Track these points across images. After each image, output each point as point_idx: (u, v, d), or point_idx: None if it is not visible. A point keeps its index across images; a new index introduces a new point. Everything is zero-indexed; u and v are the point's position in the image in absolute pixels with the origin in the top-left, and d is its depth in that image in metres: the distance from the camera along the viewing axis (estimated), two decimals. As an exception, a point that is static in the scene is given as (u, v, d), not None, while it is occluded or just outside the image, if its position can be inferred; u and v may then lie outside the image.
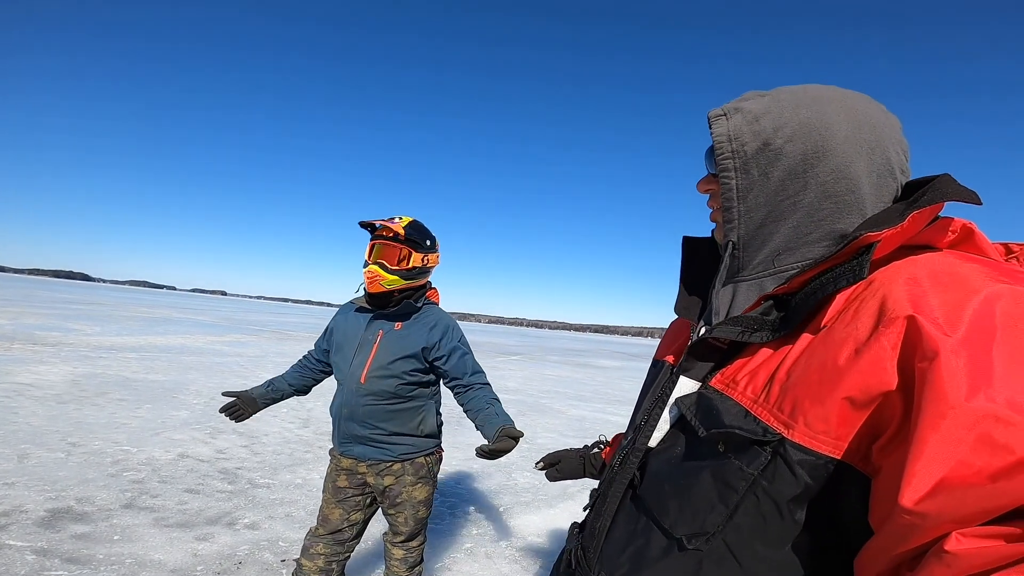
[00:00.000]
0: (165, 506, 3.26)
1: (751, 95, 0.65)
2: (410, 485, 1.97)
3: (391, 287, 1.95)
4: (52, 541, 2.66)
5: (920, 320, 0.44)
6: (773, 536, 0.50)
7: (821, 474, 0.48)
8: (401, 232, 1.94)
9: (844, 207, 0.58)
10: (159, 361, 9.56)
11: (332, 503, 1.98)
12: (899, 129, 0.62)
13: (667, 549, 0.56)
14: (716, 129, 0.64)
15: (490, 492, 4.28)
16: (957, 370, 0.40)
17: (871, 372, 0.45)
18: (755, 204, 0.62)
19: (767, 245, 0.62)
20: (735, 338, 0.57)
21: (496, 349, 25.58)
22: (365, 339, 1.95)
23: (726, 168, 0.63)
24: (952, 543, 0.38)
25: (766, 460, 0.50)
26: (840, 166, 0.58)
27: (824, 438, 0.47)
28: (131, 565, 2.53)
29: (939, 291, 0.46)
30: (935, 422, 0.40)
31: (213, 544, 2.84)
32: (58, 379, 6.84)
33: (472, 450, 5.40)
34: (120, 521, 2.97)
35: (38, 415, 5.01)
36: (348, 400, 1.92)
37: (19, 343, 9.81)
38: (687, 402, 0.60)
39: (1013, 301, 0.44)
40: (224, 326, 22.13)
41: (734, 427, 0.52)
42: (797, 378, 0.51)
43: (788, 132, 0.60)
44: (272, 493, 3.70)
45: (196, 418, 5.60)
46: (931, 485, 0.39)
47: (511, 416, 1.90)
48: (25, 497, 3.13)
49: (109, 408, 5.62)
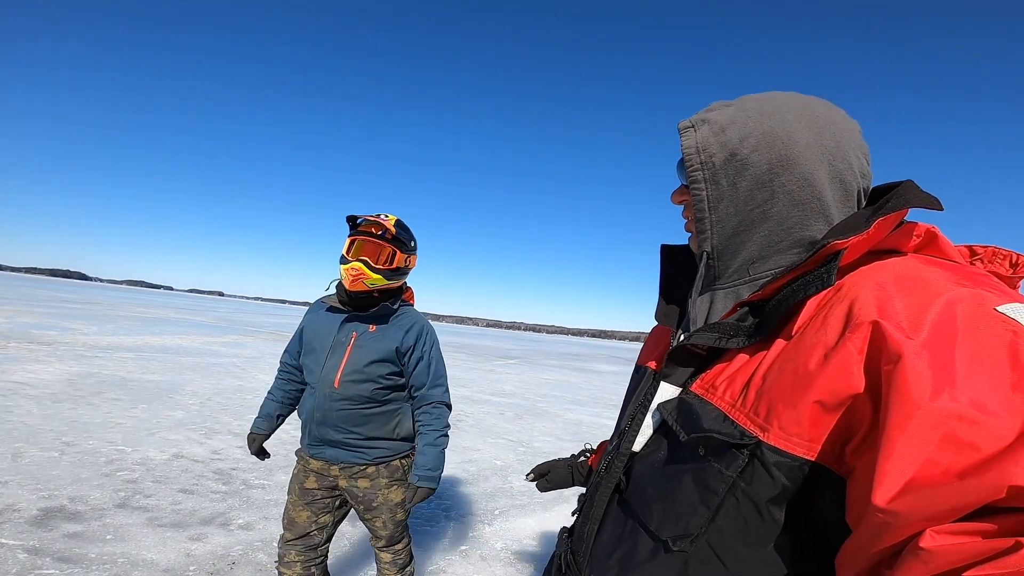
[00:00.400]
0: (159, 506, 3.24)
1: (717, 105, 0.66)
2: (385, 488, 1.91)
3: (373, 286, 1.87)
4: (44, 540, 2.64)
5: (884, 325, 0.46)
6: (754, 537, 0.51)
7: (797, 475, 0.49)
8: (392, 230, 1.88)
9: (811, 214, 0.60)
10: (155, 361, 9.53)
11: (299, 505, 1.90)
12: (859, 133, 0.63)
13: (654, 551, 0.57)
14: (685, 141, 0.65)
15: (486, 495, 4.27)
16: (921, 371, 0.42)
17: (839, 376, 0.47)
18: (726, 214, 0.63)
19: (740, 254, 0.64)
20: (712, 344, 0.59)
21: (494, 353, 25.55)
22: (338, 341, 1.87)
23: (696, 180, 0.64)
24: (927, 540, 0.39)
25: (744, 462, 0.51)
26: (804, 174, 0.59)
27: (798, 440, 0.49)
28: (123, 564, 2.51)
29: (903, 295, 0.48)
30: (902, 422, 0.41)
31: (206, 544, 2.83)
32: (53, 378, 6.81)
33: (471, 453, 5.43)
34: (113, 520, 2.96)
35: (33, 414, 4.98)
36: (321, 404, 1.84)
37: (15, 342, 9.77)
38: (668, 407, 0.61)
39: (974, 304, 0.45)
40: (221, 327, 22.07)
41: (713, 431, 0.54)
42: (771, 382, 0.52)
43: (753, 142, 0.61)
44: (267, 494, 3.69)
45: (191, 418, 5.58)
46: (902, 484, 0.40)
47: (441, 450, 1.90)
48: (18, 496, 3.12)
49: (104, 408, 5.59)
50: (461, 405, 8.58)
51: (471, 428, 6.80)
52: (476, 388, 11.09)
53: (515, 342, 50.03)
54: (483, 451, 5.70)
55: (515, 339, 65.76)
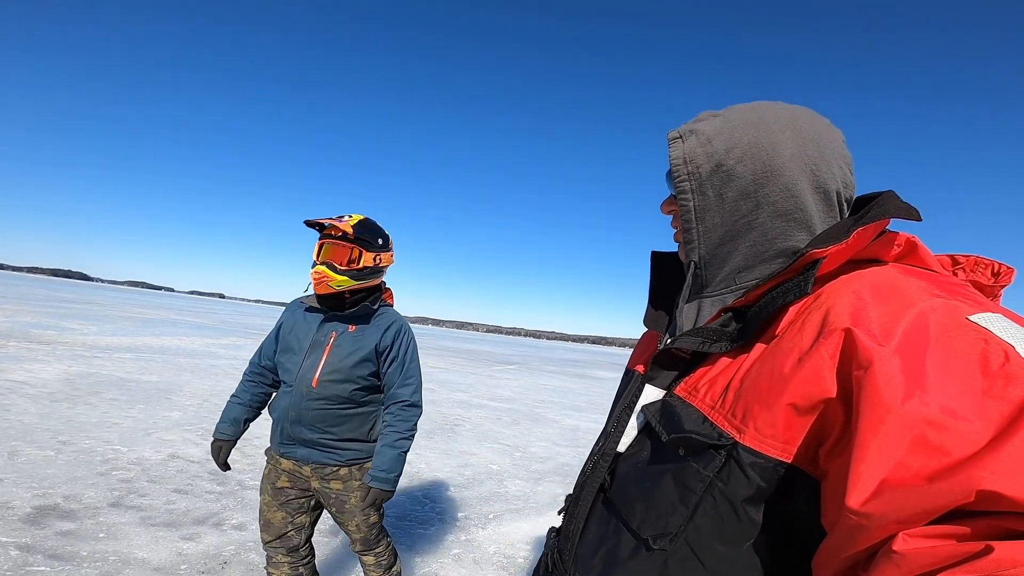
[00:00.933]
0: (152, 505, 3.24)
1: (705, 115, 0.68)
2: (357, 490, 1.88)
3: (341, 288, 1.86)
4: (36, 537, 2.64)
5: (856, 332, 0.47)
6: (731, 536, 0.52)
7: (772, 476, 0.50)
8: (349, 231, 1.85)
9: (794, 224, 0.61)
10: (154, 362, 9.53)
11: (273, 506, 1.88)
12: (842, 143, 0.64)
13: (636, 549, 0.58)
14: (673, 152, 0.66)
15: (480, 499, 4.26)
16: (892, 377, 0.43)
17: (812, 380, 0.48)
18: (713, 224, 0.65)
19: (727, 263, 0.65)
20: (696, 348, 0.60)
21: (493, 359, 25.52)
22: (317, 341, 1.87)
23: (683, 190, 0.66)
24: (900, 543, 0.39)
25: (721, 462, 0.52)
26: (788, 185, 0.61)
27: (772, 442, 0.50)
28: (114, 563, 2.51)
29: (878, 304, 0.49)
30: (874, 426, 0.42)
31: (199, 544, 2.83)
32: (52, 377, 6.81)
33: (467, 457, 5.43)
34: (106, 519, 2.96)
35: (30, 413, 4.99)
36: (296, 403, 1.82)
37: (15, 341, 9.78)
38: (652, 409, 0.62)
39: (946, 313, 0.46)
40: (221, 328, 22.09)
41: (692, 432, 0.55)
42: (749, 385, 0.54)
43: (738, 153, 0.62)
44: (261, 495, 3.69)
45: (188, 419, 5.58)
46: (874, 486, 0.41)
47: (403, 458, 1.87)
48: (12, 494, 3.12)
49: (102, 407, 5.59)
50: (458, 409, 8.58)
51: (468, 433, 6.79)
52: (474, 393, 11.08)
53: (515, 348, 49.97)
54: (479, 455, 5.70)
55: (515, 345, 65.68)
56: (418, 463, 4.96)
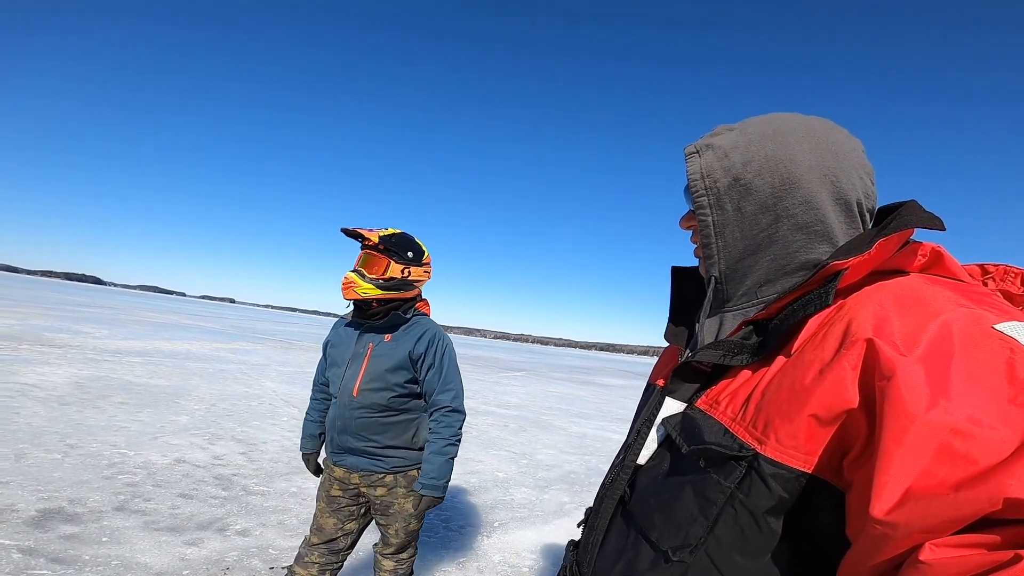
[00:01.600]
0: (157, 510, 3.24)
1: (721, 129, 0.68)
2: (402, 497, 1.95)
3: (366, 295, 1.92)
4: (40, 541, 2.64)
5: (878, 343, 0.46)
6: (752, 547, 0.52)
7: (794, 487, 0.50)
8: (375, 240, 1.93)
9: (815, 236, 0.61)
10: (163, 366, 9.60)
11: (327, 512, 1.98)
12: (862, 153, 0.64)
13: (655, 562, 0.57)
14: (690, 167, 0.66)
15: (486, 507, 4.22)
16: (915, 386, 0.42)
17: (834, 391, 0.48)
18: (732, 238, 0.64)
19: (748, 277, 0.65)
20: (717, 361, 0.60)
21: (500, 365, 25.49)
22: (356, 352, 1.96)
23: (702, 205, 0.66)
24: (926, 553, 0.39)
25: (741, 474, 0.52)
26: (807, 197, 0.60)
27: (794, 453, 0.50)
28: (116, 567, 2.51)
29: (902, 315, 0.49)
30: (898, 436, 0.41)
31: (202, 549, 2.81)
32: (61, 381, 6.88)
33: (473, 464, 5.39)
34: (110, 523, 2.95)
35: (39, 416, 5.02)
36: (342, 413, 1.92)
37: (26, 344, 9.90)
38: (672, 422, 0.62)
39: (972, 322, 0.46)
40: (230, 333, 22.24)
41: (712, 443, 0.54)
42: (770, 397, 0.53)
43: (756, 166, 0.62)
44: (266, 500, 3.67)
45: (196, 424, 5.60)
46: (899, 495, 0.40)
47: (449, 465, 1.95)
48: (18, 496, 3.13)
49: (110, 411, 5.63)
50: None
51: (474, 440, 6.76)
52: (481, 400, 11.05)
53: (522, 354, 49.88)
54: (485, 463, 5.66)
55: (522, 351, 65.59)
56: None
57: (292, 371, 11.54)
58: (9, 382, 6.31)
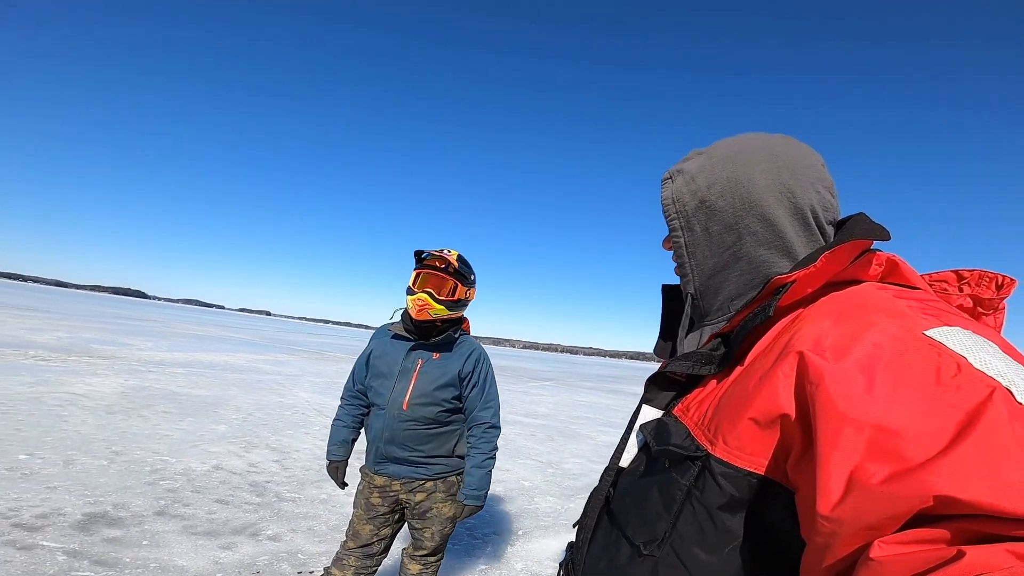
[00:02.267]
0: (195, 515, 3.37)
1: (693, 154, 0.72)
2: (440, 502, 2.06)
3: (438, 316, 2.04)
4: (84, 544, 2.78)
5: (807, 354, 0.50)
6: (710, 542, 0.55)
7: (743, 485, 0.53)
8: (454, 264, 2.05)
9: (776, 252, 0.64)
10: (204, 377, 9.96)
11: (364, 519, 2.07)
12: (821, 167, 0.67)
13: (631, 556, 0.61)
14: (663, 193, 0.72)
15: (511, 515, 4.24)
16: (842, 389, 0.45)
17: (768, 397, 0.51)
18: (703, 257, 0.69)
19: (720, 293, 0.69)
20: (687, 371, 0.64)
21: (529, 375, 25.43)
22: (405, 368, 2.04)
23: (674, 228, 0.71)
24: (876, 550, 0.40)
25: (696, 472, 0.56)
26: (764, 214, 0.64)
27: (739, 454, 0.53)
28: (155, 569, 2.62)
29: (839, 325, 0.51)
30: (831, 436, 0.44)
31: (235, 553, 2.92)
32: (109, 390, 7.22)
33: (499, 473, 5.40)
34: (151, 527, 3.09)
35: (87, 424, 5.28)
36: (390, 424, 2.01)
37: (75, 355, 10.42)
38: (648, 427, 0.66)
39: (904, 329, 0.48)
40: (266, 345, 22.91)
41: (674, 445, 0.58)
42: (723, 403, 0.57)
43: (719, 188, 0.66)
44: (297, 507, 3.78)
45: (233, 432, 5.80)
46: (840, 491, 0.42)
47: (489, 470, 2.08)
48: (65, 501, 3.30)
49: (153, 420, 5.87)
50: (492, 425, 8.58)
51: (502, 449, 6.74)
52: (508, 409, 11.05)
53: (551, 364, 49.64)
54: (511, 472, 5.67)
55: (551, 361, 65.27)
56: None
57: (324, 382, 11.80)
58: (59, 392, 6.65)
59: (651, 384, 0.69)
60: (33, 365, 8.48)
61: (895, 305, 0.52)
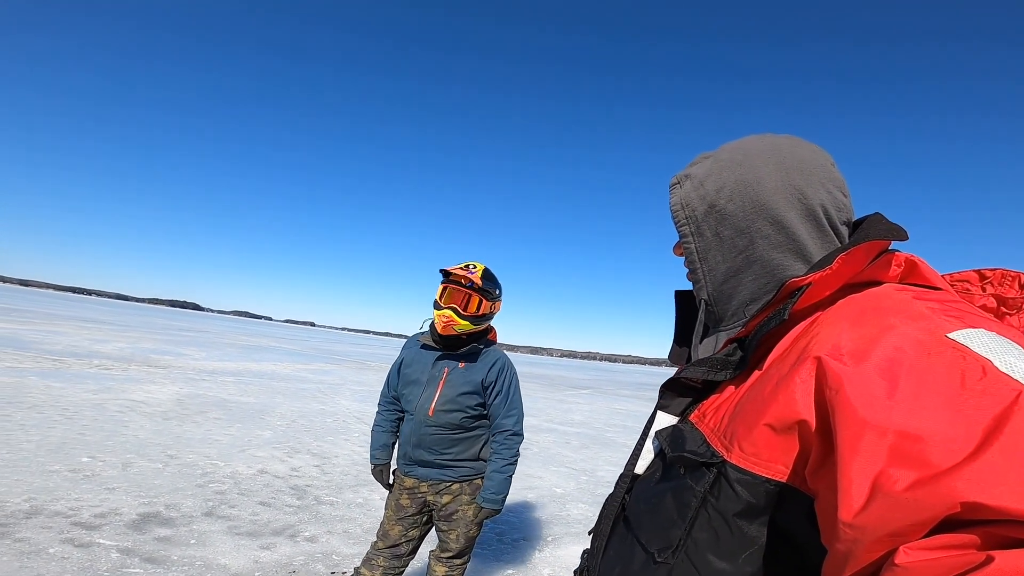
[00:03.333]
0: (239, 516, 3.55)
1: (700, 158, 0.71)
2: (466, 504, 2.14)
3: (462, 331, 2.13)
4: (137, 542, 2.96)
5: (825, 359, 0.49)
6: (726, 549, 0.54)
7: (759, 492, 0.52)
8: (478, 282, 2.14)
9: (789, 255, 0.63)
10: (252, 385, 10.40)
11: (393, 520, 2.17)
12: (831, 167, 0.65)
13: (645, 563, 0.60)
14: (672, 199, 0.71)
15: (542, 521, 4.26)
16: (863, 393, 0.44)
17: (785, 403, 0.50)
18: (715, 262, 0.68)
19: (735, 298, 0.67)
20: (703, 377, 0.62)
21: (566, 383, 25.28)
22: (432, 376, 2.15)
23: (684, 233, 0.70)
24: (901, 557, 0.39)
25: (711, 479, 0.55)
26: (776, 217, 0.63)
27: (755, 460, 0.52)
28: (199, 567, 2.78)
29: (858, 328, 0.50)
30: (852, 443, 0.43)
31: (274, 553, 3.06)
32: (166, 398, 7.63)
33: (532, 480, 5.44)
34: (199, 527, 3.28)
35: (145, 429, 5.61)
36: (417, 429, 2.12)
37: (135, 365, 11.07)
38: (664, 434, 0.65)
39: (926, 332, 0.47)
40: (311, 355, 23.67)
41: (689, 451, 0.58)
42: (740, 408, 0.56)
43: (728, 192, 0.65)
44: (335, 510, 3.92)
45: (278, 438, 6.04)
46: (864, 498, 0.41)
47: (510, 481, 2.17)
48: (122, 501, 3.53)
49: (206, 425, 6.18)
50: (527, 433, 8.56)
51: (535, 456, 6.80)
52: (544, 417, 11.04)
53: (589, 372, 49.15)
54: (544, 479, 5.69)
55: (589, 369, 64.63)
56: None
57: (365, 390, 12.09)
58: (120, 399, 7.10)
59: (666, 390, 0.68)
60: (97, 373, 9.07)
61: (915, 307, 0.51)
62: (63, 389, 7.19)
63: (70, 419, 5.58)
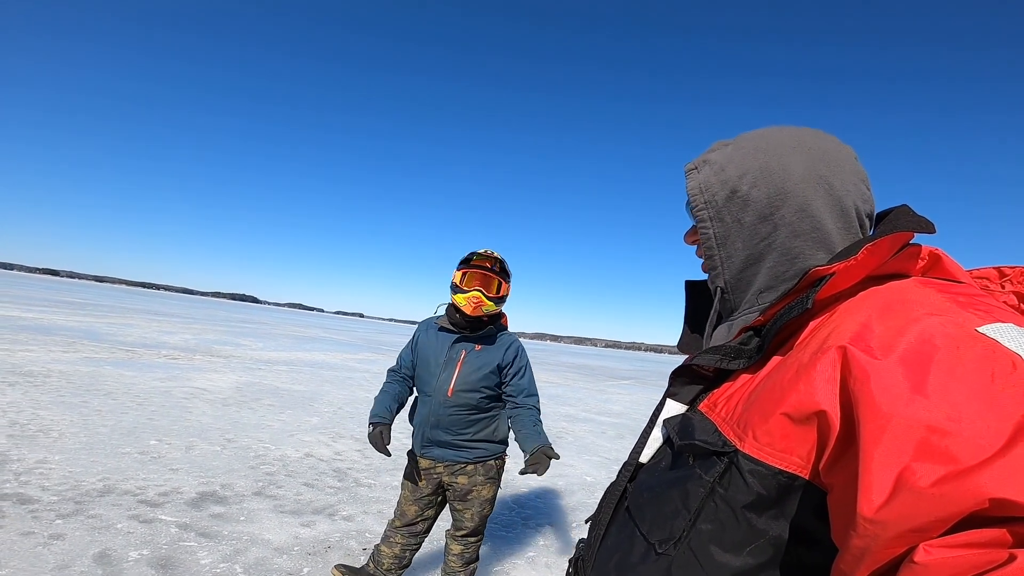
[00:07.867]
0: (285, 496, 3.84)
1: (718, 145, 0.70)
2: (480, 485, 2.25)
3: (488, 312, 2.24)
4: (194, 518, 3.23)
5: (850, 350, 0.47)
6: (731, 542, 0.52)
7: (772, 484, 0.50)
8: (500, 265, 2.27)
9: (812, 244, 0.61)
10: (303, 374, 10.93)
11: (410, 500, 2.31)
12: (854, 159, 0.64)
13: (645, 554, 0.59)
14: (689, 183, 0.69)
15: (568, 508, 4.39)
16: (889, 386, 0.43)
17: (805, 392, 0.48)
18: (734, 249, 0.66)
19: (751, 286, 0.66)
20: (715, 365, 0.61)
21: (607, 373, 25.11)
22: (450, 358, 2.24)
23: (702, 219, 0.67)
24: (921, 554, 0.38)
25: (722, 469, 0.54)
26: (802, 205, 0.61)
27: (769, 451, 0.51)
28: (245, 541, 3.04)
29: (884, 319, 0.49)
30: (876, 436, 0.42)
31: (312, 530, 3.32)
32: (226, 385, 8.17)
33: (562, 468, 5.57)
34: (248, 505, 3.57)
35: (207, 414, 6.04)
36: (435, 410, 2.21)
37: (200, 355, 11.84)
38: (672, 422, 0.64)
39: (954, 325, 0.46)
40: (358, 345, 24.48)
41: (700, 440, 0.56)
42: (755, 398, 0.55)
43: (751, 178, 0.63)
44: (372, 492, 4.18)
45: (324, 424, 6.39)
46: (886, 493, 0.40)
47: (550, 438, 2.16)
48: (183, 481, 3.87)
49: (260, 412, 6.60)
50: (563, 423, 8.69)
51: (569, 445, 6.90)
52: (581, 407, 11.11)
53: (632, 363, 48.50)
54: (576, 467, 5.79)
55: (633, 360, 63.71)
56: (513, 470, 5.20)
57: (408, 378, 12.46)
58: (186, 386, 7.67)
59: (676, 378, 0.66)
60: (166, 363, 9.79)
61: (941, 300, 0.49)
62: (135, 377, 7.82)
63: (141, 405, 6.09)
